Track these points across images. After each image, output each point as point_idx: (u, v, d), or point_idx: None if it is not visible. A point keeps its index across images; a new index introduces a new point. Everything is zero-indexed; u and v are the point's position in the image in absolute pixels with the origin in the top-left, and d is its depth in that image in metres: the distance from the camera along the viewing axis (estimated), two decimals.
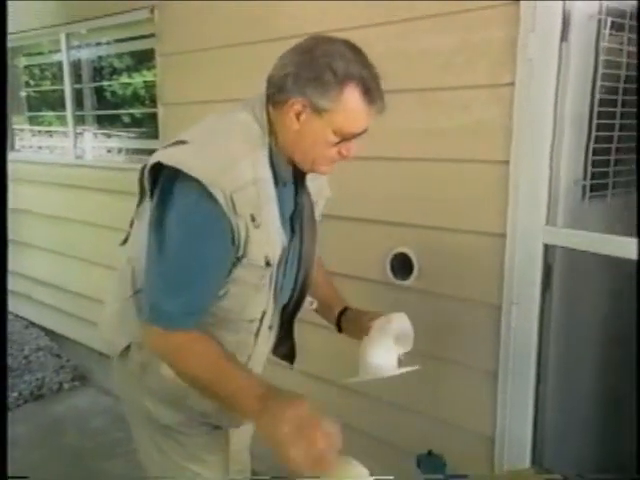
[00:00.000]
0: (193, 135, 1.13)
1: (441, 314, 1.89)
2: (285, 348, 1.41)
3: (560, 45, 1.57)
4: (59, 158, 3.69)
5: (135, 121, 3.53)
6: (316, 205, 1.34)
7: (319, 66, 1.06)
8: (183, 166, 1.04)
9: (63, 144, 3.64)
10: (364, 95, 1.08)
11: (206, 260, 1.08)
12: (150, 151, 1.28)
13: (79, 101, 3.47)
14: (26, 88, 4.10)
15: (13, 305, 3.71)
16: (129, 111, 3.62)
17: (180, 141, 1.11)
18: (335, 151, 1.14)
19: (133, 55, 3.44)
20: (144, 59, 3.25)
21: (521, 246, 1.69)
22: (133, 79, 3.60)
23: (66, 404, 3.21)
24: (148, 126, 3.20)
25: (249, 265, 1.13)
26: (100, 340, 1.37)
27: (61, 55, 3.41)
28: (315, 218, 1.34)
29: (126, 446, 2.43)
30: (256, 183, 1.10)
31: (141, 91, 3.60)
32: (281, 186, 1.18)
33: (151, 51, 2.85)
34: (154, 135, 2.93)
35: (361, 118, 1.10)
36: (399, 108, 1.38)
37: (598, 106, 1.69)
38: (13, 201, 2.24)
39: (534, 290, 1.69)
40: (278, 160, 1.16)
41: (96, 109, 3.51)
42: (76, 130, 3.45)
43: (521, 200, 1.66)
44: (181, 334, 1.08)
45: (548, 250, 1.68)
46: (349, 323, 1.41)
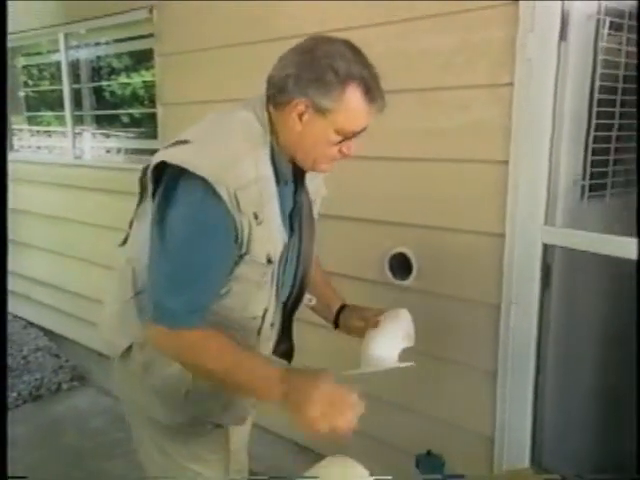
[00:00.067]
0: (195, 134, 1.14)
1: (440, 314, 1.89)
2: (284, 346, 1.41)
3: (559, 45, 1.58)
4: (58, 158, 3.68)
5: (134, 121, 3.53)
6: (314, 204, 1.36)
7: (320, 67, 1.07)
8: (188, 165, 1.04)
9: (62, 144, 3.63)
10: (365, 94, 1.09)
11: (210, 257, 1.09)
12: (149, 151, 1.28)
13: (78, 101, 3.46)
14: (25, 88, 4.09)
15: (12, 305, 3.69)
16: (128, 111, 3.61)
17: (182, 141, 1.12)
18: (336, 150, 1.15)
19: (132, 55, 3.44)
20: (143, 59, 3.25)
21: (520, 246, 1.69)
22: (132, 79, 3.59)
23: (65, 404, 3.19)
24: (147, 126, 3.19)
25: (251, 262, 1.14)
26: (100, 341, 1.37)
27: (60, 55, 3.41)
28: (313, 216, 1.35)
29: (125, 446, 2.43)
30: (258, 181, 1.11)
31: (140, 91, 3.59)
32: (282, 184, 1.19)
33: (150, 51, 2.85)
34: (153, 135, 2.92)
35: (362, 117, 1.12)
36: (399, 108, 1.39)
37: (597, 106, 1.69)
38: (12, 201, 2.24)
39: (533, 290, 1.70)
40: (279, 159, 1.17)
41: (95, 109, 3.51)
42: (75, 130, 3.45)
43: (520, 200, 1.67)
44: (192, 331, 1.09)
45: (547, 250, 1.69)
46: (348, 319, 1.42)
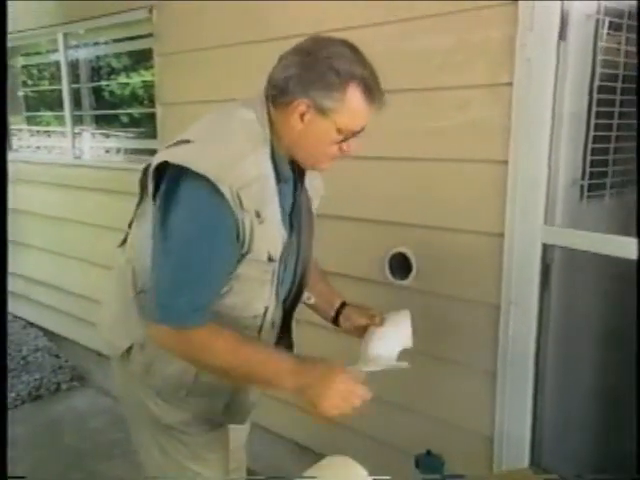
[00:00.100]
0: (195, 134, 1.14)
1: (440, 314, 1.89)
2: (283, 345, 1.41)
3: (558, 45, 1.58)
4: (57, 158, 3.68)
5: (133, 121, 3.52)
6: (313, 203, 1.37)
7: (321, 67, 1.08)
8: (191, 164, 1.05)
9: (61, 144, 3.63)
10: (366, 94, 1.10)
11: (214, 256, 1.09)
12: (149, 151, 1.28)
13: (77, 101, 3.45)
14: (24, 88, 4.09)
15: (11, 305, 3.69)
16: (127, 111, 3.61)
17: (183, 140, 1.12)
18: (336, 148, 1.16)
19: (131, 55, 3.43)
20: (142, 59, 3.25)
21: (519, 246, 1.69)
22: (131, 79, 3.59)
23: (64, 405, 3.19)
24: (146, 126, 3.18)
25: (253, 261, 1.15)
26: (100, 341, 1.37)
27: (59, 55, 3.40)
28: (312, 214, 1.37)
29: (125, 447, 2.43)
30: (260, 180, 1.11)
31: (139, 91, 3.59)
32: (282, 183, 1.20)
33: (149, 51, 2.84)
34: (152, 135, 2.91)
35: (363, 116, 1.13)
36: (398, 108, 1.38)
37: (596, 106, 1.69)
38: (11, 201, 2.24)
39: (532, 290, 1.70)
40: (279, 158, 1.18)
41: (94, 109, 3.50)
42: (74, 130, 3.44)
43: (519, 200, 1.67)
44: (198, 330, 1.09)
45: (546, 250, 1.69)
46: (349, 318, 1.43)
